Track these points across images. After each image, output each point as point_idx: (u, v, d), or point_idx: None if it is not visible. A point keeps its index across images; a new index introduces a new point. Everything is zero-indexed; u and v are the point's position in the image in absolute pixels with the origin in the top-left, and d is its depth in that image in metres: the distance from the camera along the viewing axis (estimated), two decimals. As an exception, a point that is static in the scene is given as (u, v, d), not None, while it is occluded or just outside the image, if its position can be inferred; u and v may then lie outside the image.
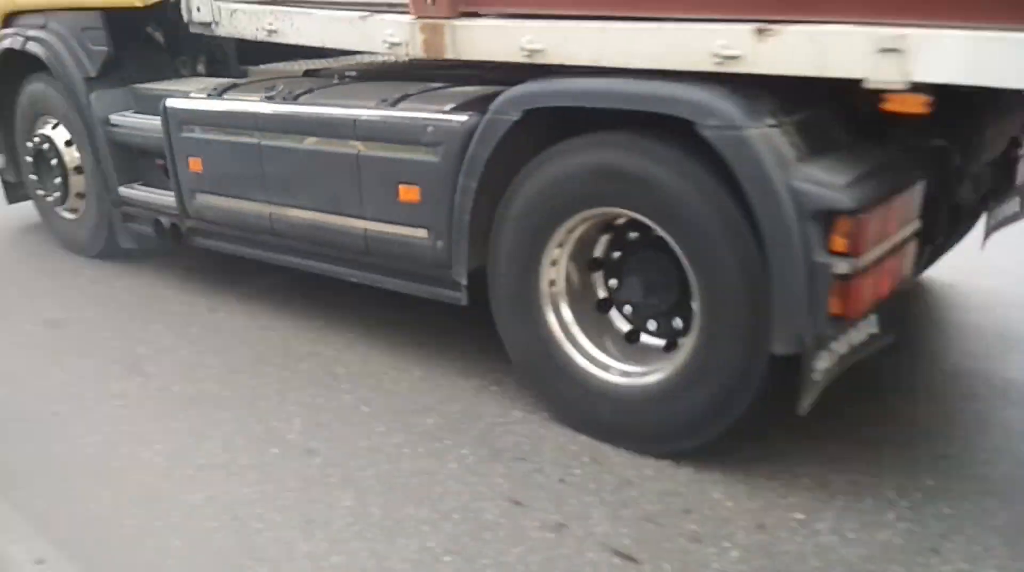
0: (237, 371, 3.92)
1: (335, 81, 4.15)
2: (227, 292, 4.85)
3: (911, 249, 2.78)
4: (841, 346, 2.56)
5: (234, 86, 4.36)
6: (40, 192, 5.58)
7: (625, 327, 3.21)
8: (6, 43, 5.38)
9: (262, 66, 4.82)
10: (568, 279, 3.21)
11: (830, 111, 2.72)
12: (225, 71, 4.96)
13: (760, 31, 2.49)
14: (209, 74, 5.05)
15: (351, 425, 3.41)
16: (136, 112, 4.90)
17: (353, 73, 4.24)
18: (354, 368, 3.90)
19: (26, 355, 4.18)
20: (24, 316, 4.64)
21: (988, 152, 3.35)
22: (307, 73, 4.47)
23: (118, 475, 3.15)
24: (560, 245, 3.13)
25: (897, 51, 2.30)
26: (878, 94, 2.38)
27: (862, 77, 2.37)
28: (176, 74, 5.07)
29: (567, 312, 3.21)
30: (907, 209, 2.70)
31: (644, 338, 3.17)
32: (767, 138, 2.49)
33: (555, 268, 3.17)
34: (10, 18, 5.42)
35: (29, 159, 5.51)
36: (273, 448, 3.28)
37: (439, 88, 3.56)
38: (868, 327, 2.66)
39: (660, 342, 3.09)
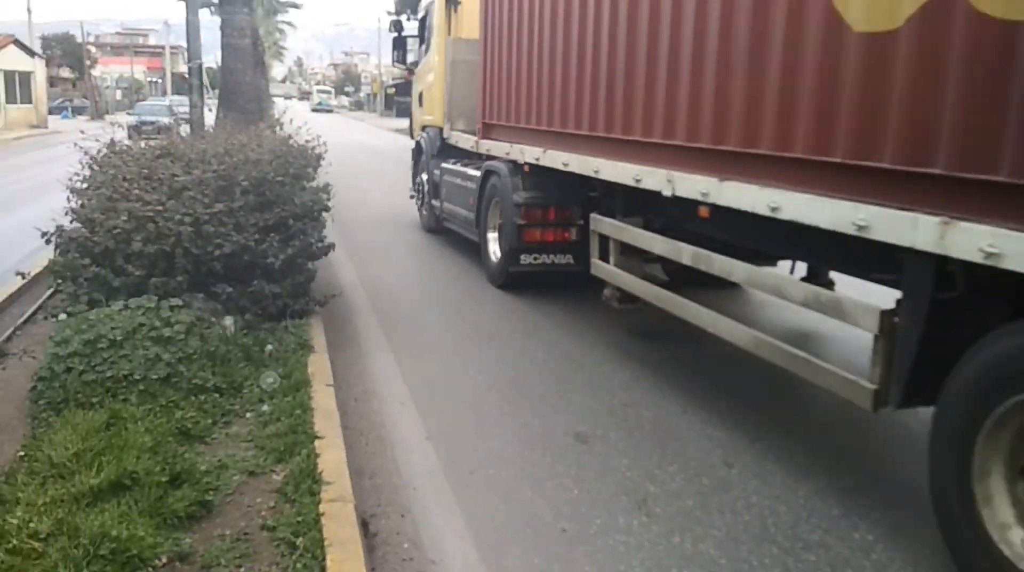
0: (739, 541, 3.73)
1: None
2: (745, 449, 4.71)
3: (573, 231, 7.61)
4: (547, 260, 7.78)
5: (459, 161, 10.00)
6: (418, 202, 12.28)
7: None
8: (417, 138, 12.26)
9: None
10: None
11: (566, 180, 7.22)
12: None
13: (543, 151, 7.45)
14: (488, 158, 9.03)
15: (852, 650, 2.97)
16: (443, 170, 10.95)
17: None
18: (867, 577, 3.44)
19: (554, 465, 4.52)
20: (560, 425, 5.05)
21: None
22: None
23: (603, 617, 3.16)
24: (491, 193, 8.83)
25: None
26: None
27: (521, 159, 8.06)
28: (471, 158, 9.79)
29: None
30: (565, 214, 7.65)
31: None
32: (513, 181, 7.90)
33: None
34: (424, 128, 11.78)
35: (418, 186, 12.14)
36: (759, 645, 3.00)
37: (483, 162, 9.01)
38: (566, 258, 7.74)
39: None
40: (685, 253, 5.40)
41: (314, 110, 69.57)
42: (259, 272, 6.14)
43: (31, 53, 43.83)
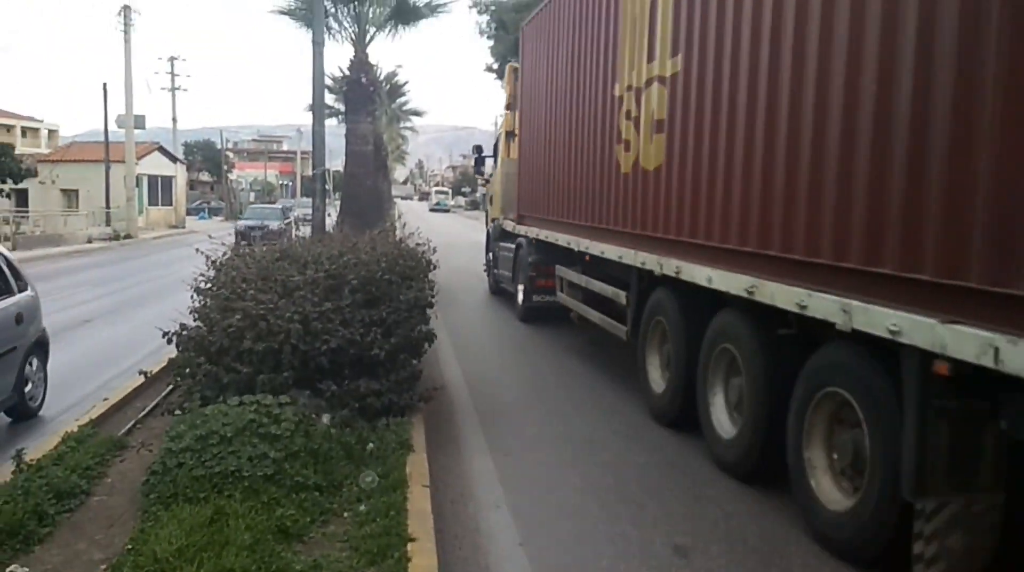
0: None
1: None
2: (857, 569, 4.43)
3: (560, 283, 11.36)
4: (549, 299, 11.92)
5: (507, 240, 14.42)
6: (486, 272, 17.08)
7: None
8: (488, 228, 17.01)
9: None
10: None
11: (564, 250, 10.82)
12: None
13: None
14: (518, 236, 13.45)
15: None
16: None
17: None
18: None
19: (649, 578, 4.35)
20: (658, 535, 4.89)
21: None
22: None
23: None
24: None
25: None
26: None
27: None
28: (514, 238, 13.75)
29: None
30: (555, 274, 11.45)
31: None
32: (529, 249, 12.57)
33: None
34: (492, 220, 16.24)
35: (487, 261, 16.94)
36: None
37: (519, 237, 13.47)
38: (554, 298, 11.78)
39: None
40: (582, 281, 9.86)
41: (432, 210, 72.11)
42: (364, 367, 6.30)
43: (173, 159, 47.35)
